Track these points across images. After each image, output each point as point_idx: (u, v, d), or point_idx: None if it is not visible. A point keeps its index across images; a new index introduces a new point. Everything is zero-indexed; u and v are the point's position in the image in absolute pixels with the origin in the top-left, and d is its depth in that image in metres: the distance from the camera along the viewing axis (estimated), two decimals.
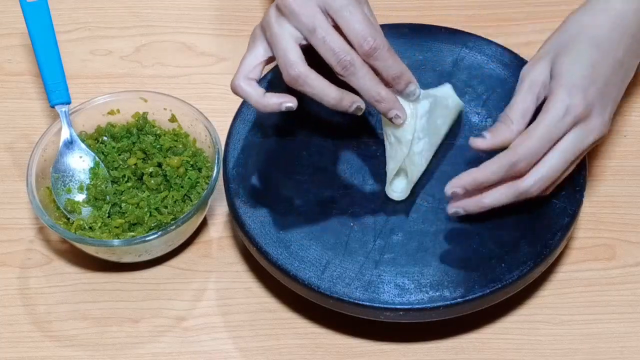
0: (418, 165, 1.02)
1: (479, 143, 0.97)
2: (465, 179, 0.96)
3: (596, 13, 0.99)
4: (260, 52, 1.00)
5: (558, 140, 0.96)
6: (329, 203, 1.03)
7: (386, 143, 1.03)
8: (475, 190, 0.97)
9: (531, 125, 0.96)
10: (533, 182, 0.96)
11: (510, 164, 0.95)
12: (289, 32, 0.98)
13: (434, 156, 1.03)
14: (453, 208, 0.98)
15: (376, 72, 0.98)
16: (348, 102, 0.98)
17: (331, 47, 0.96)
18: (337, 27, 0.97)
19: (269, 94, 0.99)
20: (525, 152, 0.95)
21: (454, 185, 0.96)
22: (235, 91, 1.00)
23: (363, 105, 0.99)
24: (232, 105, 1.07)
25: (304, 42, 0.98)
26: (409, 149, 1.00)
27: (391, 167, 1.01)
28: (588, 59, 0.97)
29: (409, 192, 1.01)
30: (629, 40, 0.99)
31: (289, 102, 0.99)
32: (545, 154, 0.96)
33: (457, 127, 1.07)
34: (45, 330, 1.03)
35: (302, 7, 0.97)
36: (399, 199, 1.02)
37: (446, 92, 1.05)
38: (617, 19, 0.99)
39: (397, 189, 1.02)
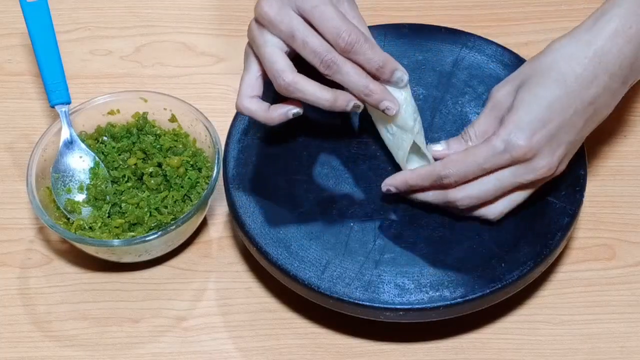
0: (423, 143, 1.02)
1: (435, 152, 1.01)
2: (397, 180, 1.00)
3: (578, 45, 0.96)
4: (255, 68, 0.99)
5: (496, 170, 0.97)
6: (329, 203, 1.03)
7: (386, 136, 1.02)
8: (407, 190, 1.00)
9: (472, 147, 0.98)
10: (461, 196, 0.98)
11: (438, 177, 0.98)
12: (272, 42, 0.97)
13: None
14: (386, 186, 1.01)
15: (361, 67, 0.98)
16: (343, 101, 0.98)
17: (312, 48, 0.96)
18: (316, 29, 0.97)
19: (274, 106, 0.99)
20: (455, 172, 0.97)
21: (387, 184, 1.00)
22: (240, 112, 1.00)
23: (360, 102, 0.99)
24: (232, 105, 1.07)
25: (289, 50, 0.98)
26: (414, 133, 1.00)
27: (401, 155, 1.01)
28: (548, 98, 0.95)
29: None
30: (606, 79, 0.96)
31: (295, 108, 0.99)
32: (480, 176, 0.97)
33: (457, 127, 1.06)
34: (45, 330, 1.03)
35: (278, 14, 0.96)
36: None
37: None
38: (596, 57, 0.95)
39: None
